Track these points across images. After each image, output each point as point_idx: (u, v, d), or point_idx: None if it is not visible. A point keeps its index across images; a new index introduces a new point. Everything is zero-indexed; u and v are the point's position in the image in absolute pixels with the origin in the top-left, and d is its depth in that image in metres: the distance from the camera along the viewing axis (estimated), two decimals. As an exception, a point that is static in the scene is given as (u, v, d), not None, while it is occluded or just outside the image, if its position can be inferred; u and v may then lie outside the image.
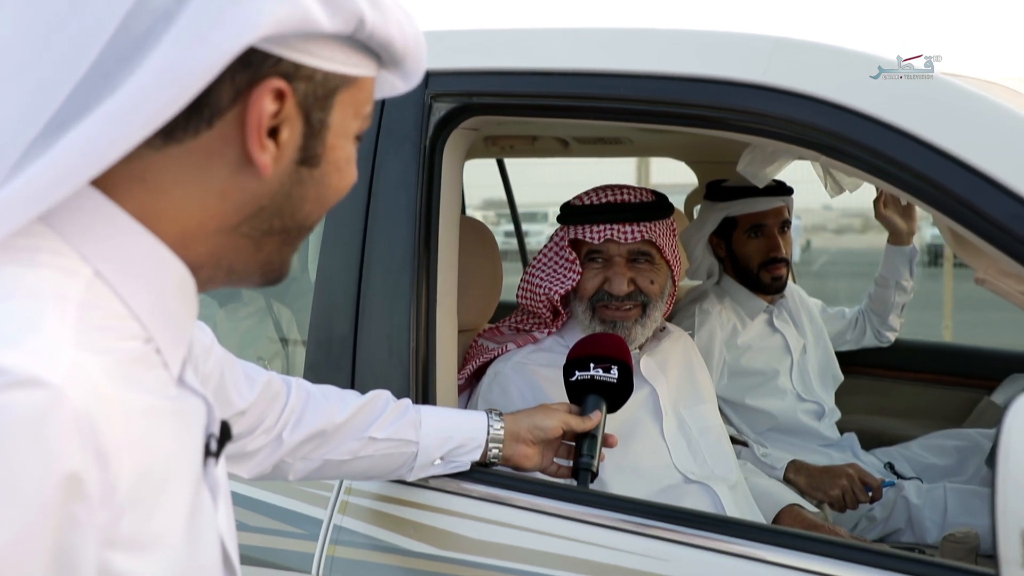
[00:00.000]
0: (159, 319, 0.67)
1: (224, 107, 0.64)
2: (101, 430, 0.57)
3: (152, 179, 0.65)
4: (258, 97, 0.64)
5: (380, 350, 1.43)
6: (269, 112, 0.65)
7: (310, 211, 0.72)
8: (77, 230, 0.63)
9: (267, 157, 0.66)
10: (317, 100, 0.68)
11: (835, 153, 1.19)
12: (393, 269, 1.43)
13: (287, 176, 0.69)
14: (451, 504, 1.33)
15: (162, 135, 0.63)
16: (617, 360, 1.48)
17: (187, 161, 0.65)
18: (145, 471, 0.61)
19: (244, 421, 1.13)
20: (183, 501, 0.67)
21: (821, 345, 2.57)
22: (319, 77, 0.67)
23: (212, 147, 0.65)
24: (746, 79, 1.23)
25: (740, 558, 1.17)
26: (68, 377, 0.56)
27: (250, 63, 0.63)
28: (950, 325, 8.36)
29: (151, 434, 0.63)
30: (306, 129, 0.68)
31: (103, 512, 0.58)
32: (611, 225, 1.71)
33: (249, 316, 2.12)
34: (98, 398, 0.58)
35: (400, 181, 1.44)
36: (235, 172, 0.66)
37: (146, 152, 0.64)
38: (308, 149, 0.69)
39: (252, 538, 1.41)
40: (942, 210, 1.13)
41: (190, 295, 0.70)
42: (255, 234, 0.70)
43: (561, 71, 1.37)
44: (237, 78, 0.63)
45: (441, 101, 1.44)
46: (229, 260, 0.71)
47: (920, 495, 2.21)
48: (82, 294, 0.62)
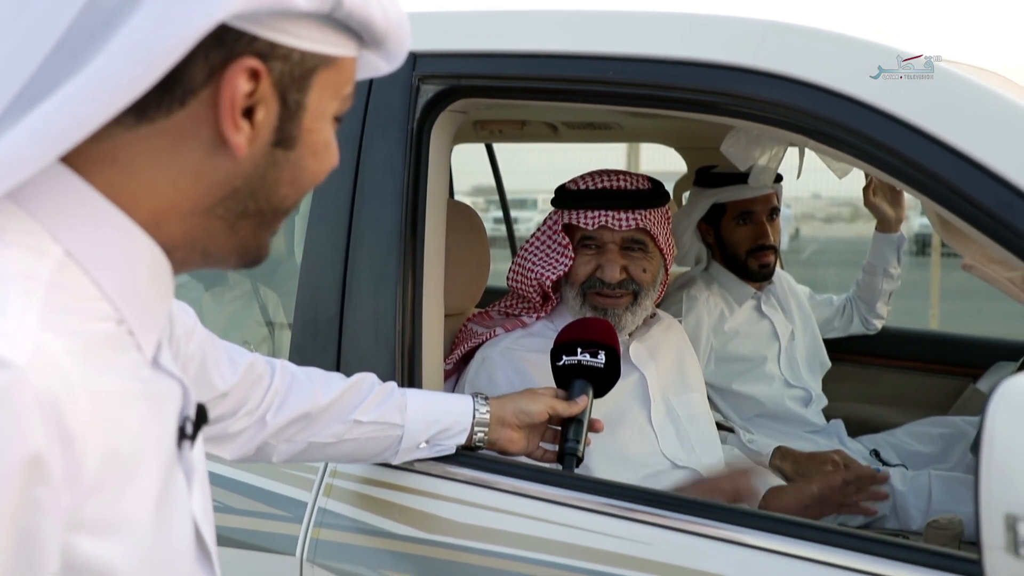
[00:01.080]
0: (131, 300, 0.66)
1: (197, 86, 0.63)
2: (65, 412, 0.56)
3: (124, 159, 0.64)
4: (231, 76, 0.63)
5: (366, 333, 1.42)
6: (243, 92, 0.63)
7: (285, 194, 0.71)
8: (48, 210, 0.62)
9: (241, 138, 0.65)
10: (294, 80, 0.67)
11: (825, 138, 1.19)
12: (379, 252, 1.42)
13: (262, 158, 0.67)
14: (436, 487, 1.32)
15: (134, 114, 0.62)
16: (605, 345, 1.48)
17: (160, 141, 0.64)
18: (112, 454, 0.61)
19: (226, 403, 1.13)
20: (153, 484, 0.66)
21: (809, 332, 2.58)
22: (296, 57, 0.66)
23: (185, 127, 0.64)
24: (736, 63, 1.23)
25: (724, 542, 1.17)
26: (32, 358, 0.55)
27: (224, 41, 0.62)
28: (936, 314, 8.40)
29: (119, 416, 0.62)
30: (282, 110, 0.67)
31: (67, 495, 0.57)
32: (606, 212, 1.71)
33: (235, 299, 2.11)
34: (63, 380, 0.57)
35: (387, 164, 1.43)
36: (209, 153, 0.65)
37: (118, 131, 0.62)
38: (284, 131, 0.68)
39: (237, 520, 1.41)
40: (930, 196, 1.13)
41: (164, 277, 0.69)
42: (229, 216, 0.69)
43: (550, 53, 1.36)
44: (211, 56, 0.62)
45: (429, 83, 1.43)
46: (204, 242, 0.70)
47: (905, 482, 2.22)
48: (52, 274, 0.61)
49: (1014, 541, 0.83)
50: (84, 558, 0.59)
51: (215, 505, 1.41)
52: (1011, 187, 1.05)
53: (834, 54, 1.18)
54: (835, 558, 1.10)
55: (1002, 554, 0.83)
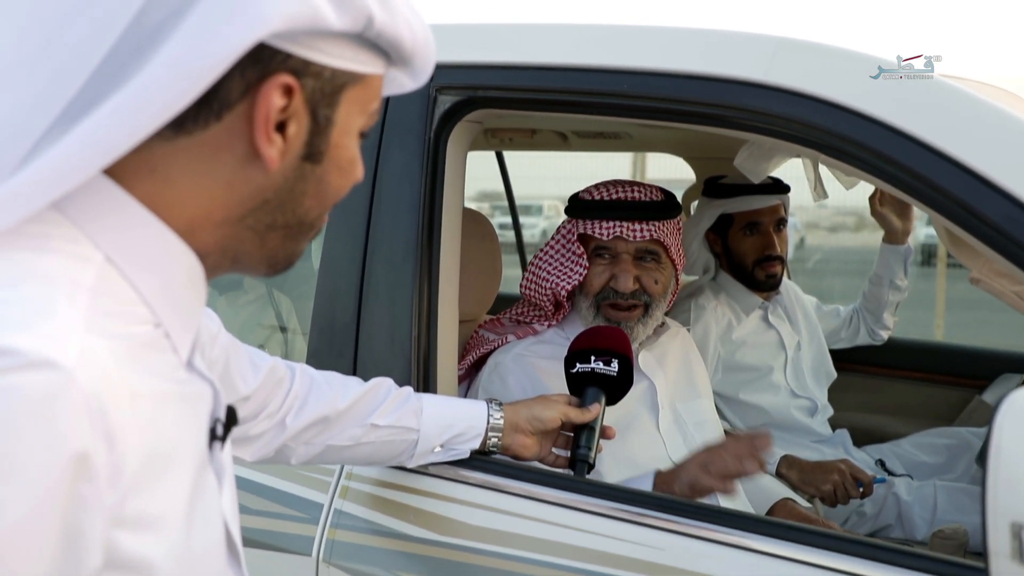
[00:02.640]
0: (168, 305, 0.69)
1: (234, 101, 0.65)
2: (109, 412, 0.59)
3: (162, 169, 0.66)
4: (267, 92, 0.65)
5: (382, 339, 1.44)
6: (277, 107, 0.66)
7: (310, 207, 0.73)
8: (89, 217, 0.65)
9: (274, 151, 0.67)
10: (324, 96, 0.69)
11: (835, 152, 1.21)
12: (396, 259, 1.45)
13: (291, 171, 0.70)
14: (450, 491, 1.35)
15: (173, 127, 0.64)
16: (618, 353, 1.50)
17: (196, 153, 0.66)
18: (151, 452, 0.63)
19: (248, 406, 1.15)
20: (186, 482, 0.68)
21: (815, 342, 2.60)
22: (327, 74, 0.68)
23: (221, 139, 0.66)
24: (748, 78, 1.25)
25: (734, 548, 1.19)
26: (79, 360, 0.57)
27: (260, 58, 0.64)
28: (941, 325, 8.40)
29: (158, 416, 0.65)
30: (312, 125, 0.69)
31: (110, 492, 0.59)
32: (620, 222, 1.73)
33: (249, 303, 2.14)
34: (106, 381, 0.59)
35: (404, 173, 1.46)
36: (242, 164, 0.68)
37: (156, 143, 0.65)
38: (313, 145, 0.70)
39: (254, 521, 1.43)
40: (939, 210, 1.15)
41: (198, 282, 0.72)
42: (259, 227, 0.71)
43: (566, 66, 1.38)
44: (247, 73, 0.64)
45: (446, 94, 1.45)
46: (235, 250, 0.72)
47: (910, 492, 2.24)
48: (94, 280, 0.63)
49: (1019, 549, 0.85)
50: (125, 553, 0.62)
51: (233, 506, 1.43)
52: (1017, 202, 1.07)
53: (844, 70, 1.21)
54: (844, 564, 1.12)
55: (1008, 561, 0.85)
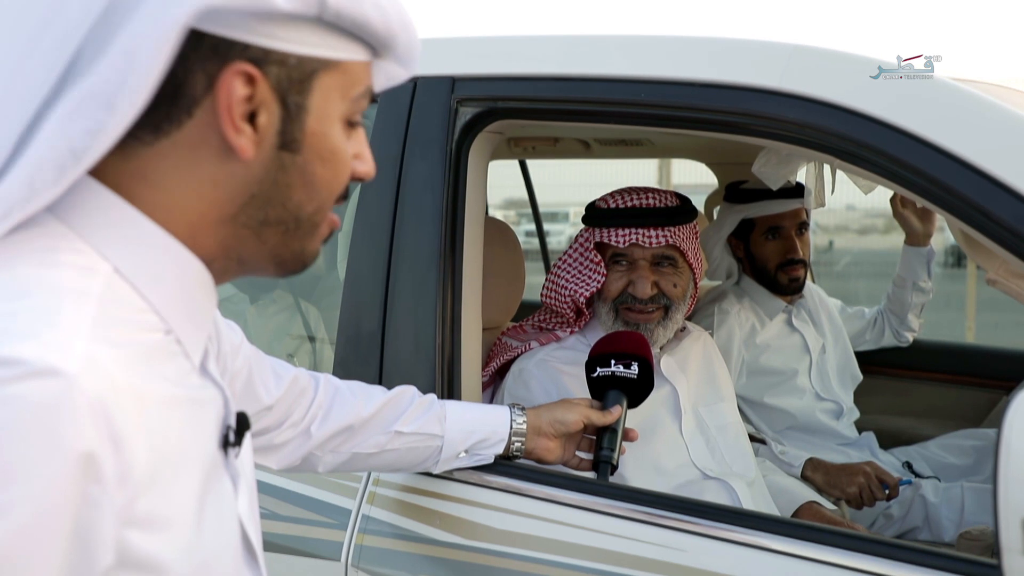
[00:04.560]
0: (177, 311, 0.71)
1: (199, 95, 0.67)
2: (114, 416, 0.61)
3: (152, 176, 0.69)
4: (225, 81, 0.67)
5: (407, 347, 1.47)
6: (240, 96, 0.67)
7: (300, 200, 0.73)
8: (94, 230, 0.67)
9: (243, 140, 0.68)
10: (293, 84, 0.69)
11: (850, 157, 1.23)
12: (420, 268, 1.47)
13: (270, 162, 0.71)
14: (475, 495, 1.37)
15: (151, 130, 0.67)
16: (638, 357, 1.51)
17: (178, 154, 0.68)
18: (160, 454, 0.65)
19: (271, 416, 1.17)
20: (196, 484, 0.70)
21: (840, 345, 2.60)
22: (293, 61, 0.69)
23: (196, 136, 0.68)
24: (763, 85, 1.27)
25: (758, 549, 1.20)
26: (83, 367, 0.59)
27: (218, 51, 0.66)
28: (972, 326, 8.31)
29: (166, 420, 0.67)
30: (283, 113, 0.70)
31: (120, 492, 0.61)
32: (636, 229, 1.75)
33: (278, 313, 2.17)
34: (111, 387, 0.61)
35: (427, 183, 1.49)
36: (222, 159, 0.69)
37: (140, 148, 0.68)
38: (287, 133, 0.70)
39: (284, 527, 1.46)
40: (954, 213, 1.16)
41: (206, 286, 0.74)
42: (253, 224, 0.72)
43: (584, 77, 1.41)
44: (208, 66, 0.66)
45: (467, 105, 1.48)
46: (238, 251, 0.74)
47: (937, 494, 2.23)
48: (101, 289, 0.65)
49: (1034, 546, 0.86)
50: (136, 552, 0.63)
51: (264, 512, 1.47)
52: (1032, 204, 1.09)
53: (857, 76, 1.22)
54: (866, 565, 1.13)
55: (1020, 557, 0.86)
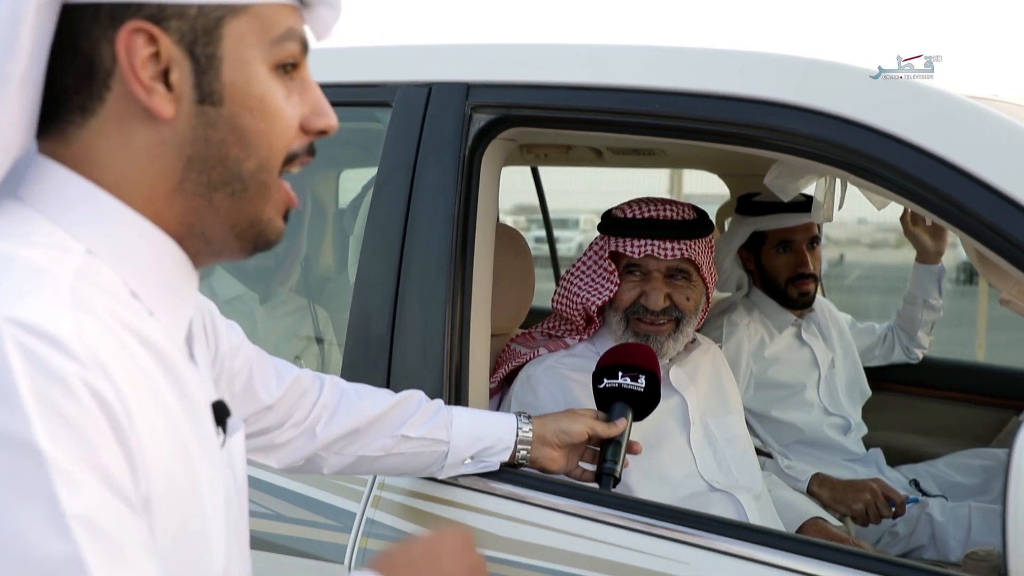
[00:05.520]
0: (153, 289, 0.71)
1: (110, 66, 0.68)
2: (108, 365, 0.62)
3: (93, 155, 0.69)
4: (122, 42, 0.67)
5: (415, 352, 1.47)
6: (144, 56, 0.67)
7: (237, 156, 0.72)
8: (61, 211, 0.68)
9: (157, 99, 0.68)
10: (198, 35, 0.68)
11: (863, 173, 1.23)
12: (430, 274, 1.47)
13: (194, 119, 0.70)
14: (479, 502, 1.37)
15: (79, 112, 0.68)
16: (645, 370, 1.51)
17: (109, 129, 0.69)
18: (151, 425, 0.65)
19: (272, 416, 1.17)
20: (183, 451, 0.70)
21: (849, 359, 2.59)
22: (193, 11, 0.68)
23: (120, 108, 0.69)
24: (778, 99, 1.27)
25: (762, 564, 1.19)
26: (74, 331, 0.60)
27: (114, 15, 0.67)
28: (983, 344, 8.27)
29: (154, 391, 0.67)
30: (194, 66, 0.69)
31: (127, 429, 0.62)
32: (652, 241, 1.74)
33: (288, 315, 2.18)
34: (109, 351, 0.62)
35: (439, 189, 1.49)
36: (148, 126, 0.69)
37: (75, 131, 0.69)
38: (203, 86, 0.69)
39: (289, 528, 1.46)
40: (968, 232, 1.16)
41: (183, 265, 0.74)
42: (200, 190, 0.72)
43: (598, 86, 1.41)
44: (108, 33, 0.67)
45: (481, 112, 1.48)
46: (199, 226, 0.73)
47: (944, 513, 2.22)
48: (78, 267, 0.66)
49: (1042, 570, 0.85)
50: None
51: (269, 513, 1.48)
52: (1046, 224, 1.08)
53: (872, 92, 1.22)
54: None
55: (1028, 581, 0.85)
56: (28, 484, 0.57)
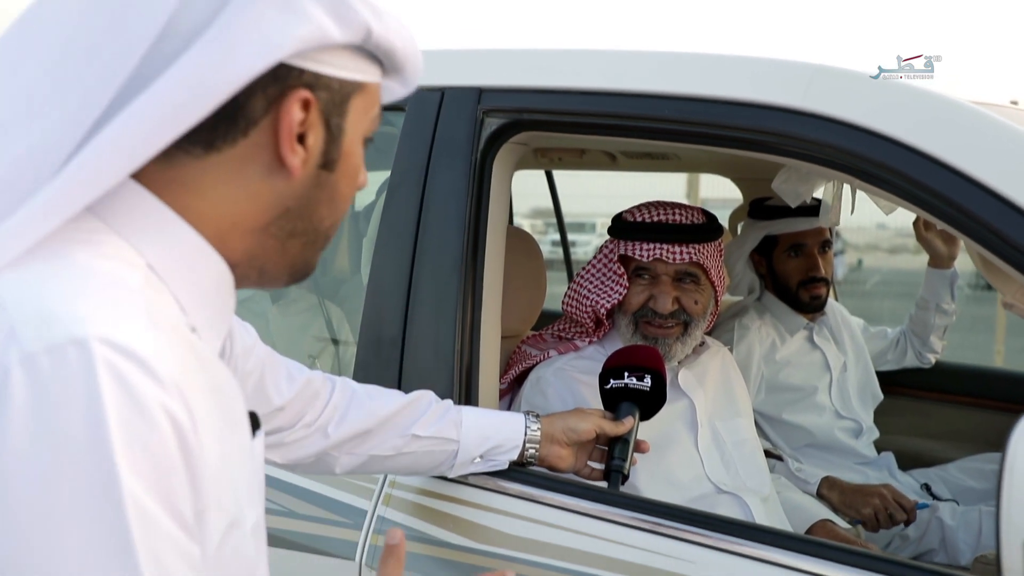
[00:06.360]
0: (200, 309, 0.74)
1: (258, 117, 0.71)
2: (183, 387, 0.64)
3: (193, 183, 0.72)
4: (289, 107, 0.71)
5: (427, 352, 1.49)
6: (298, 120, 0.72)
7: (324, 215, 0.79)
8: (131, 228, 0.71)
9: (296, 160, 0.73)
10: (335, 106, 0.75)
11: (869, 178, 1.24)
12: (442, 276, 1.50)
13: (309, 179, 0.76)
14: (488, 500, 1.39)
15: (203, 146, 0.71)
16: (651, 370, 1.53)
17: (226, 167, 0.72)
18: (215, 437, 0.68)
19: (283, 416, 1.20)
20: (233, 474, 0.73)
21: (861, 363, 2.59)
22: (336, 85, 0.75)
23: (247, 154, 0.72)
24: (786, 104, 1.28)
25: (768, 564, 1.20)
26: (155, 351, 0.63)
27: (279, 76, 0.71)
28: (1002, 350, 8.21)
29: (210, 407, 0.69)
30: (327, 134, 0.76)
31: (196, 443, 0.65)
32: (661, 244, 1.76)
33: (300, 313, 2.20)
34: (181, 369, 0.65)
35: (451, 192, 1.51)
36: (267, 175, 0.74)
37: (188, 160, 0.71)
38: (329, 153, 0.76)
39: (301, 525, 1.49)
40: (971, 236, 1.17)
41: (228, 289, 0.77)
42: (281, 235, 0.77)
43: (609, 91, 1.43)
44: (268, 90, 0.71)
45: (493, 116, 1.50)
46: (260, 259, 0.78)
47: (955, 517, 2.22)
48: (141, 283, 0.69)
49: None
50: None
51: (281, 510, 1.50)
52: (1049, 229, 1.09)
53: (877, 97, 1.23)
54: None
55: (1021, 579, 0.86)
56: (102, 513, 0.59)
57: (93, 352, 0.60)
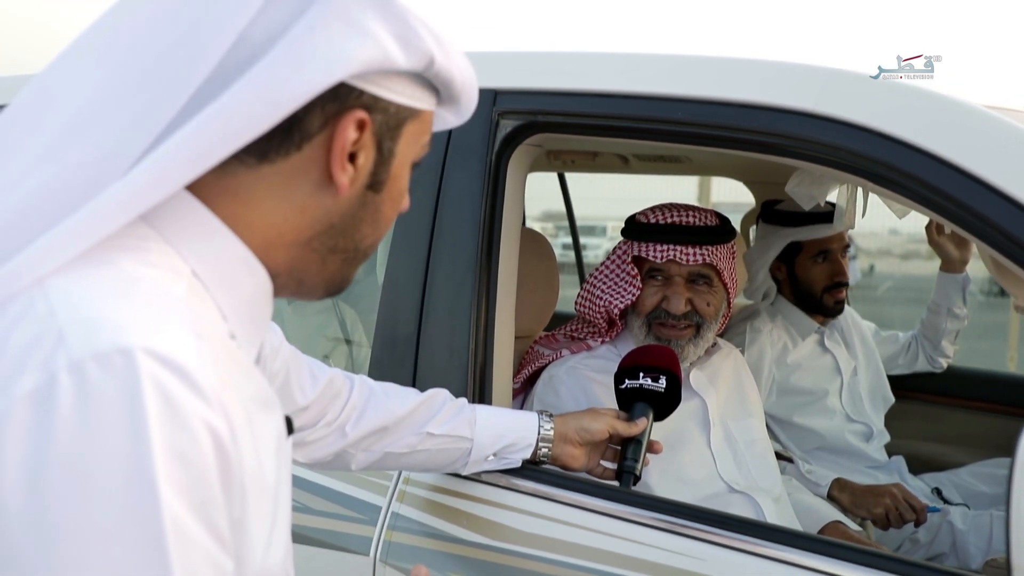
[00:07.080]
0: (240, 318, 0.76)
1: (314, 132, 0.73)
2: (225, 400, 0.65)
3: (244, 193, 0.74)
4: (345, 125, 0.73)
5: (441, 352, 1.51)
6: (352, 139, 0.74)
7: (365, 234, 0.80)
8: (178, 234, 0.72)
9: (346, 178, 0.75)
10: (389, 130, 0.77)
11: (882, 181, 1.25)
12: (456, 276, 1.51)
13: (356, 198, 0.77)
14: (502, 498, 1.40)
15: (257, 156, 0.72)
16: (666, 371, 1.54)
17: (277, 179, 0.74)
18: (255, 452, 0.70)
19: (306, 415, 1.22)
20: (273, 483, 0.75)
21: (872, 367, 2.59)
22: (392, 109, 0.76)
23: (299, 167, 0.74)
24: (799, 107, 1.29)
25: (780, 563, 1.21)
26: (199, 363, 0.64)
27: (338, 95, 0.72)
28: (1015, 356, 8.18)
29: (254, 415, 0.71)
30: (378, 156, 0.77)
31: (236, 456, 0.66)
32: (674, 246, 1.77)
33: (317, 314, 2.22)
34: (222, 379, 0.66)
35: (466, 193, 1.53)
36: (315, 190, 0.75)
37: (241, 170, 0.72)
38: (377, 175, 0.78)
39: (316, 521, 1.50)
40: (984, 240, 1.17)
41: (267, 298, 0.79)
42: (322, 249, 0.78)
43: (624, 94, 1.43)
44: (327, 107, 0.72)
45: (508, 118, 1.52)
46: (300, 272, 0.79)
47: (966, 521, 2.22)
48: (185, 291, 0.70)
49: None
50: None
51: (297, 506, 1.52)
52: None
53: (890, 100, 1.24)
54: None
55: (1032, 577, 0.87)
56: (140, 527, 0.60)
57: (138, 362, 0.60)
